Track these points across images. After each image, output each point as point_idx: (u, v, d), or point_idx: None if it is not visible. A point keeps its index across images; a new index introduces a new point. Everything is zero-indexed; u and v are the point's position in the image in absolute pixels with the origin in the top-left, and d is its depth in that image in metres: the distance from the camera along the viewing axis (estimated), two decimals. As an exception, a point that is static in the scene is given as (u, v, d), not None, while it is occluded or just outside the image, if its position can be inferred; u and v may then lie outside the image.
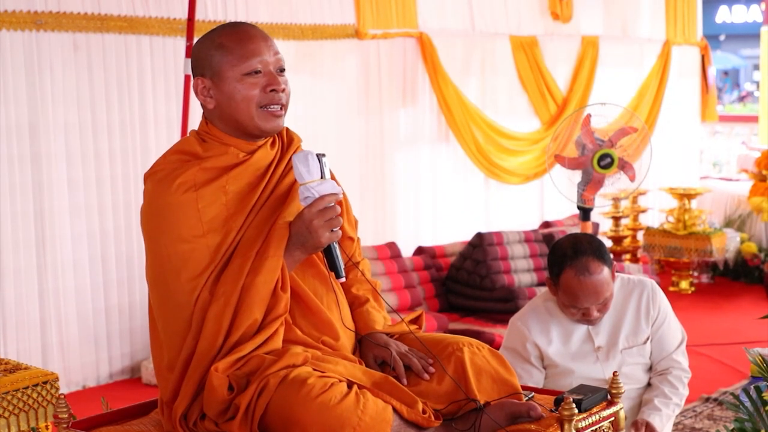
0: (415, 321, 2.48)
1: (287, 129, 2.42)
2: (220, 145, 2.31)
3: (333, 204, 2.21)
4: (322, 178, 2.20)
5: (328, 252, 2.26)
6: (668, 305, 3.35)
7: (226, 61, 2.26)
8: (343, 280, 2.30)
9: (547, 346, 3.24)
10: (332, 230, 2.21)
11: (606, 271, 3.15)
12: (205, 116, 2.36)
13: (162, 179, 2.25)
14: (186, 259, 2.20)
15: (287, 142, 2.40)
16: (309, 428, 2.01)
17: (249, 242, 2.23)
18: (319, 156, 2.22)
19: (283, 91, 2.30)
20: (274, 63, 2.30)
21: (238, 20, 5.89)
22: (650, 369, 3.33)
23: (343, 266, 2.27)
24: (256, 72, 2.27)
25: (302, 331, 2.27)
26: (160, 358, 2.27)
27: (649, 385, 3.33)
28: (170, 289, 2.22)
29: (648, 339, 3.29)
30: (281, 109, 2.31)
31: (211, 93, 2.30)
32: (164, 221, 2.22)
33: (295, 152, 2.38)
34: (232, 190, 2.26)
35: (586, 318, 3.20)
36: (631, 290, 3.31)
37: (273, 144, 2.38)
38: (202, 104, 2.34)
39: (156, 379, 2.30)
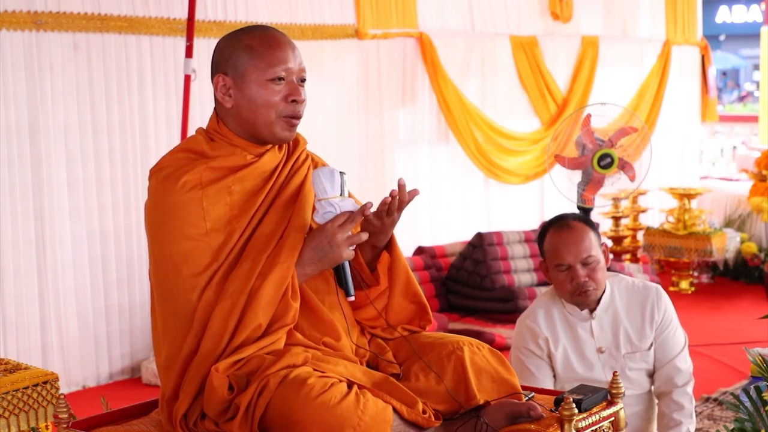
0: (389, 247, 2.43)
1: None
2: (229, 145, 2.31)
3: (353, 221, 2.23)
4: (341, 195, 2.23)
5: (339, 270, 2.28)
6: (673, 311, 3.35)
7: (252, 63, 2.27)
8: (353, 298, 2.31)
9: (554, 345, 3.24)
10: (350, 247, 2.24)
11: (590, 233, 3.17)
12: (217, 114, 2.36)
13: (167, 176, 2.25)
14: (188, 256, 2.20)
15: (293, 144, 2.41)
16: (309, 428, 2.01)
17: (260, 245, 2.23)
18: (342, 173, 2.25)
19: (303, 102, 2.31)
20: (297, 73, 2.31)
21: (239, 21, 5.95)
22: (653, 374, 3.33)
23: (352, 284, 2.29)
24: (280, 79, 2.27)
25: (303, 332, 2.27)
26: (159, 354, 2.28)
27: (657, 398, 3.33)
28: (171, 286, 2.22)
29: (652, 344, 3.28)
30: (297, 120, 2.32)
31: (231, 92, 2.30)
32: (168, 218, 2.22)
33: (301, 153, 2.39)
34: (237, 191, 2.26)
35: (575, 284, 3.17)
36: (637, 295, 3.30)
37: (280, 147, 2.38)
38: (218, 102, 2.33)
39: (158, 376, 2.30)
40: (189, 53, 5.33)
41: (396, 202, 2.30)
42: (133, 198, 5.55)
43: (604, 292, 3.26)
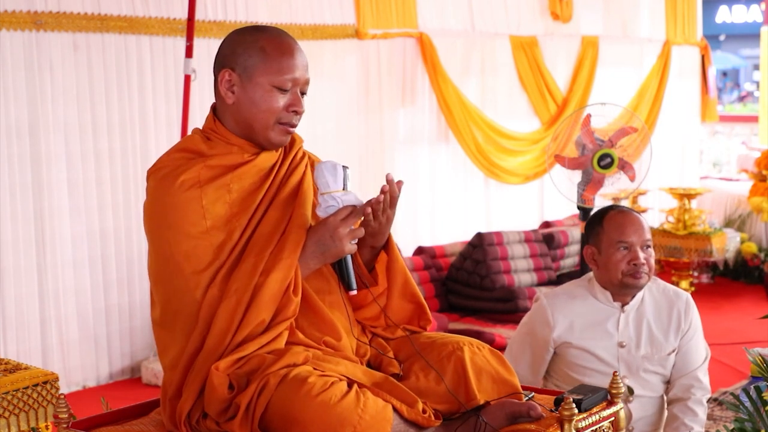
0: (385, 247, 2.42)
1: None
2: (226, 144, 2.31)
3: (356, 215, 2.23)
4: (344, 189, 2.24)
5: (340, 264, 2.28)
6: (699, 321, 3.37)
7: (262, 66, 2.27)
8: (354, 292, 2.30)
9: (565, 330, 3.23)
10: (352, 241, 2.24)
11: (647, 223, 3.25)
12: (214, 112, 2.35)
13: (165, 176, 2.25)
14: (189, 254, 2.20)
15: (289, 143, 2.41)
16: (309, 427, 2.01)
17: (263, 241, 2.23)
18: (344, 168, 2.25)
19: (301, 114, 2.32)
20: (302, 85, 2.32)
21: (239, 21, 5.95)
22: (667, 382, 3.33)
23: (354, 279, 2.28)
24: (285, 89, 2.28)
25: (304, 331, 2.27)
26: (164, 355, 2.28)
27: (669, 403, 3.33)
28: (174, 285, 2.22)
29: (674, 351, 3.28)
30: (293, 128, 2.34)
31: (234, 89, 2.30)
32: (168, 218, 2.22)
33: (297, 151, 2.40)
34: (236, 189, 2.26)
35: (632, 265, 3.19)
36: (667, 299, 3.32)
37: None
38: (219, 97, 2.33)
39: (164, 375, 2.30)
40: (189, 53, 5.33)
41: (388, 198, 2.29)
42: (133, 198, 5.55)
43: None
